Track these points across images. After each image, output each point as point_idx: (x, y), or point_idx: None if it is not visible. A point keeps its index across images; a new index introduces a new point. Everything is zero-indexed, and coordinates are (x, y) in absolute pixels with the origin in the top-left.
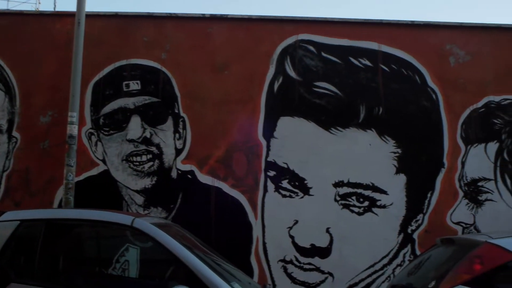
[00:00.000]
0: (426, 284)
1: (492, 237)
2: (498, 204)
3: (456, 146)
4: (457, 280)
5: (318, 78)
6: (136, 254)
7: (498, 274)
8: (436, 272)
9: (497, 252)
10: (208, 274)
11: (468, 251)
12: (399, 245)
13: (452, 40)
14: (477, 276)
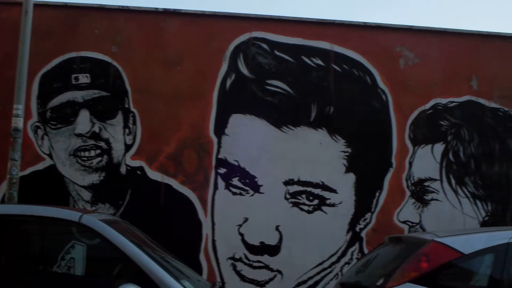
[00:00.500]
0: (374, 281)
1: (438, 235)
2: (442, 204)
3: (404, 147)
4: (404, 277)
5: (270, 76)
6: (83, 251)
7: (444, 272)
8: (384, 270)
9: (443, 250)
10: (158, 272)
11: (416, 249)
12: (347, 244)
13: (402, 42)
14: (424, 274)
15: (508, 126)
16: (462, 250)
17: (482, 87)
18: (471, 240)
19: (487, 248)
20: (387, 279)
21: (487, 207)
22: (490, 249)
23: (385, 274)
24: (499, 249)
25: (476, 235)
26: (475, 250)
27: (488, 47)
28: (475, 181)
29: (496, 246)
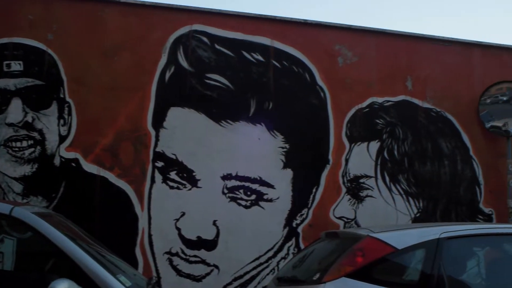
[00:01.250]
0: (311, 276)
1: (373, 231)
2: (377, 200)
3: (341, 144)
4: (340, 272)
5: (210, 70)
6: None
7: (379, 266)
8: (320, 265)
9: (378, 245)
10: (93, 266)
11: (351, 245)
12: (284, 239)
13: (341, 41)
14: (359, 268)
15: (439, 126)
16: (395, 245)
17: (416, 88)
18: (404, 236)
19: (419, 243)
20: (323, 273)
21: (418, 204)
22: (421, 245)
23: (321, 268)
24: (430, 245)
25: (409, 231)
26: (408, 245)
27: (423, 49)
28: (408, 179)
29: (427, 242)
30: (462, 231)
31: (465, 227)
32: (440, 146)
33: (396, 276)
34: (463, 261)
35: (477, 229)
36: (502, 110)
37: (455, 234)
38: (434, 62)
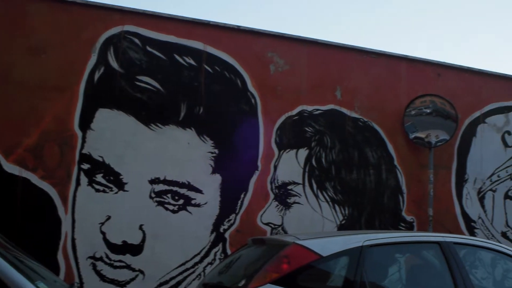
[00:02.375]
0: (237, 282)
1: (299, 238)
2: (304, 207)
3: (270, 150)
4: (266, 278)
5: (141, 72)
6: None
7: (304, 273)
8: (246, 271)
9: (303, 253)
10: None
11: (277, 251)
12: (211, 244)
13: (274, 48)
14: (285, 275)
15: (366, 136)
16: (320, 253)
17: (345, 98)
18: (328, 243)
19: (343, 251)
20: (249, 280)
21: (344, 211)
22: (345, 252)
23: (247, 275)
24: (353, 252)
25: (334, 239)
26: (332, 252)
27: (352, 60)
28: (334, 186)
29: (351, 249)
30: (383, 239)
31: (387, 235)
32: (366, 155)
33: (320, 282)
34: (385, 268)
35: (398, 237)
36: (426, 122)
37: (377, 242)
38: (363, 73)
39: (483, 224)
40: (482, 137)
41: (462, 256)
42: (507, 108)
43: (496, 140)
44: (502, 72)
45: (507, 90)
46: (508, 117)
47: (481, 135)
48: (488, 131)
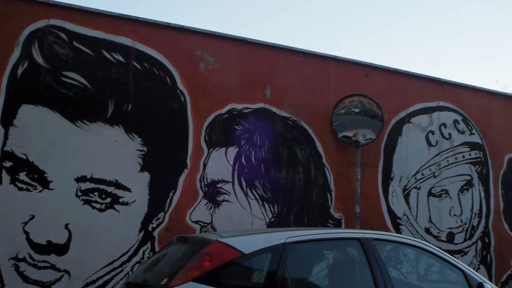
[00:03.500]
0: (159, 281)
1: (222, 236)
2: (233, 205)
3: (199, 148)
4: (188, 276)
5: (67, 68)
6: None
7: (226, 270)
8: (169, 269)
9: (225, 250)
10: None
11: (200, 249)
12: (139, 243)
13: (204, 46)
14: (206, 273)
15: (295, 134)
16: (242, 250)
17: (275, 96)
18: (251, 240)
19: (265, 248)
20: (171, 278)
21: (273, 209)
22: (267, 249)
23: (169, 273)
24: (275, 249)
25: (257, 236)
26: (254, 249)
27: (282, 59)
28: (264, 185)
29: (273, 246)
30: (306, 236)
31: (309, 232)
32: (295, 153)
33: (243, 280)
34: (307, 264)
35: (320, 234)
36: (354, 121)
37: (299, 238)
38: (293, 72)
39: (408, 220)
40: (408, 137)
41: (381, 251)
42: (430, 108)
43: (421, 140)
44: (426, 74)
45: (430, 91)
46: (432, 117)
47: (406, 134)
48: (413, 131)
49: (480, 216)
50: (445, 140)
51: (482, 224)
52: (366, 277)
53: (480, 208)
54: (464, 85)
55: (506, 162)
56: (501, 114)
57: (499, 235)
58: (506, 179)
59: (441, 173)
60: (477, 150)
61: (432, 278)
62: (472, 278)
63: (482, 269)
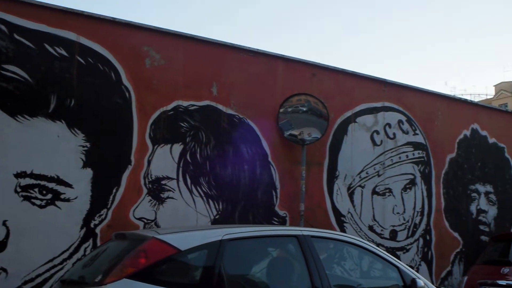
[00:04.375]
0: (94, 278)
1: (159, 232)
2: (177, 202)
3: (144, 145)
4: (122, 273)
5: (7, 61)
6: None
7: (161, 267)
8: (105, 266)
9: (161, 247)
10: None
11: (137, 246)
12: (80, 240)
13: (150, 42)
14: (141, 269)
15: (241, 132)
16: (179, 247)
17: (221, 94)
18: (188, 237)
19: (202, 245)
20: (106, 275)
21: (218, 206)
22: (204, 246)
23: (104, 270)
24: (212, 246)
25: (194, 233)
26: (191, 246)
27: (229, 57)
28: (209, 182)
29: (210, 243)
30: (243, 233)
31: (247, 229)
32: (241, 151)
33: (179, 276)
34: (244, 261)
35: (258, 231)
36: (301, 119)
37: (237, 236)
38: (240, 70)
39: (352, 218)
40: (353, 136)
41: (318, 248)
42: (375, 108)
43: (366, 139)
44: (372, 75)
45: (375, 92)
46: (377, 117)
47: (352, 133)
48: (358, 130)
49: (422, 214)
50: (389, 139)
51: (424, 222)
52: (302, 273)
53: (422, 207)
54: (408, 86)
55: (447, 162)
56: (444, 115)
57: (440, 233)
58: (447, 179)
59: (385, 172)
60: (420, 150)
61: (368, 274)
62: (406, 274)
63: (423, 265)
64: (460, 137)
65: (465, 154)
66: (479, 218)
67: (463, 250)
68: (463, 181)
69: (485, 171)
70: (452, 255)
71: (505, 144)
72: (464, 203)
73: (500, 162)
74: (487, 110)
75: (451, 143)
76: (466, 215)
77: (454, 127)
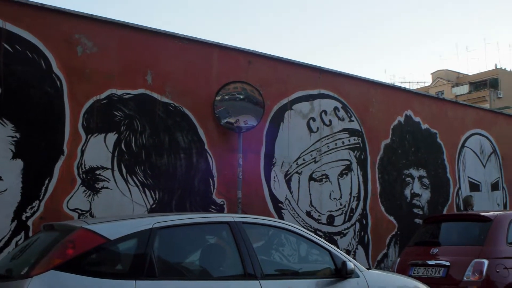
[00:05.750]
0: (21, 270)
1: (88, 222)
2: (113, 192)
3: (77, 134)
4: (49, 264)
5: None
6: None
7: (90, 257)
8: (32, 258)
9: (89, 237)
10: None
11: (65, 237)
12: (12, 233)
13: (82, 30)
14: (69, 260)
15: (177, 120)
16: (108, 236)
17: (156, 82)
18: (118, 227)
19: (132, 233)
20: (32, 267)
21: (155, 195)
22: (134, 235)
23: (31, 262)
24: (142, 235)
25: (124, 222)
26: (120, 235)
27: (164, 45)
28: (145, 171)
29: (140, 232)
30: (175, 221)
31: (178, 217)
32: (177, 139)
33: (108, 266)
34: (176, 249)
35: (189, 218)
36: (238, 107)
37: (168, 224)
38: (175, 58)
39: (290, 204)
40: (289, 123)
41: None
42: (311, 96)
43: (302, 126)
44: (308, 62)
45: (311, 79)
46: (313, 104)
47: (288, 121)
48: (294, 117)
49: (359, 199)
50: (325, 126)
51: (360, 207)
52: (235, 260)
53: (359, 192)
54: (343, 74)
55: (382, 147)
56: (378, 102)
57: (376, 217)
58: (382, 164)
59: (322, 159)
60: (356, 136)
61: (301, 258)
62: (337, 257)
63: (360, 249)
64: (394, 123)
65: (399, 140)
66: (413, 201)
67: (398, 233)
68: (398, 166)
69: (418, 156)
70: (387, 238)
71: (437, 129)
72: (398, 187)
73: (433, 147)
74: (420, 97)
75: (385, 129)
76: (401, 199)
77: (389, 114)
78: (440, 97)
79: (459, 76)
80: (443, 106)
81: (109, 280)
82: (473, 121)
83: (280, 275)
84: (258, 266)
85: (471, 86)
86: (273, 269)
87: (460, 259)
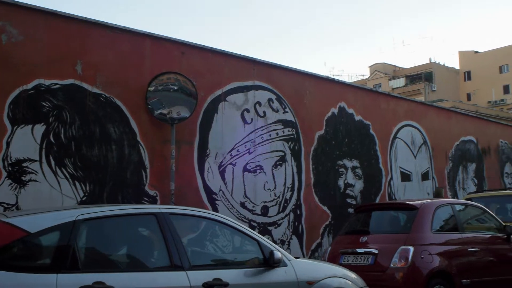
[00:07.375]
0: None
1: (8, 216)
2: (41, 185)
3: (2, 126)
4: None
5: None
6: None
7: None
8: None
9: (8, 230)
10: None
11: None
12: None
13: (6, 17)
14: None
15: (108, 112)
16: (28, 229)
17: (87, 72)
18: (39, 219)
19: (54, 226)
20: None
21: (85, 187)
22: (56, 227)
23: None
24: (65, 227)
25: (45, 214)
26: (42, 228)
27: (95, 34)
28: (75, 163)
29: (63, 224)
30: (99, 213)
31: (103, 209)
32: (108, 131)
33: (29, 260)
34: (101, 242)
35: (115, 210)
36: (172, 98)
37: (92, 215)
38: (106, 48)
39: (224, 196)
40: (223, 114)
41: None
42: (246, 87)
43: (236, 117)
44: (242, 54)
45: (245, 71)
46: (247, 96)
47: (222, 112)
48: (228, 109)
49: (293, 190)
50: (260, 118)
51: (295, 197)
52: (161, 251)
53: (293, 182)
54: (277, 65)
55: (316, 139)
56: (312, 94)
57: (310, 207)
58: (316, 155)
59: (256, 150)
60: (290, 127)
61: (229, 248)
62: (265, 247)
63: (294, 239)
64: (328, 114)
65: (333, 131)
66: (347, 191)
67: (331, 222)
68: (331, 156)
69: (351, 147)
70: (321, 227)
71: (370, 121)
72: (332, 178)
73: (366, 138)
74: (353, 89)
75: (319, 120)
76: (335, 189)
77: (323, 105)
78: (373, 89)
79: (395, 70)
80: (376, 98)
81: (29, 274)
82: (404, 113)
83: (208, 266)
84: (185, 257)
85: (407, 79)
86: (202, 260)
87: (387, 247)
